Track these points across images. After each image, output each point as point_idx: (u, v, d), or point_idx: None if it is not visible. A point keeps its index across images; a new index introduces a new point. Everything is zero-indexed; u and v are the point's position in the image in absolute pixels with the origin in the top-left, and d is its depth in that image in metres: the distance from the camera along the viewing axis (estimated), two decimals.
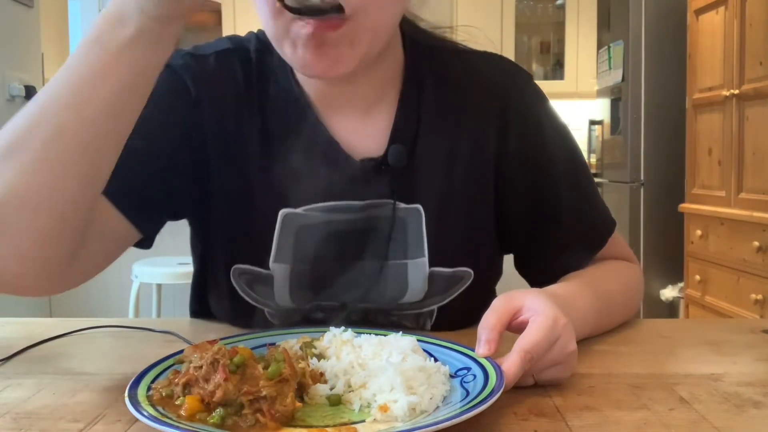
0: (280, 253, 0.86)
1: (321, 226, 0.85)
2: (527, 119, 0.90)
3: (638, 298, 0.96)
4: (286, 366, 0.60)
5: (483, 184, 0.89)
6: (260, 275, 0.87)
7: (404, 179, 0.86)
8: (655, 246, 3.57)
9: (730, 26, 2.88)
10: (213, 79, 0.87)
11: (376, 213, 0.86)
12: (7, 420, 0.61)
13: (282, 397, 0.58)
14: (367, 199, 0.85)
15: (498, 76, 0.91)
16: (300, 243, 0.86)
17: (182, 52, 0.89)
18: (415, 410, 0.58)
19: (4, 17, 2.73)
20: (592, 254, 0.93)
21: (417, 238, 0.86)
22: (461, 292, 0.89)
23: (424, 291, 0.87)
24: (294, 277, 0.86)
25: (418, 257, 0.86)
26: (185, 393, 0.59)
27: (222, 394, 0.57)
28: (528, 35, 5.44)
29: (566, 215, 0.90)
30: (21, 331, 0.90)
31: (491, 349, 0.66)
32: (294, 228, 0.86)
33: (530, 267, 0.95)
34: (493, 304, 0.70)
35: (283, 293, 0.87)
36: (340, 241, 0.86)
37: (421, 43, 0.92)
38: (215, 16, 5.32)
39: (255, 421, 0.57)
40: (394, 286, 0.87)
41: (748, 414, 0.61)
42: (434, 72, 0.90)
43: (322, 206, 0.85)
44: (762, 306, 2.64)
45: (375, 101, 0.88)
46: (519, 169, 0.89)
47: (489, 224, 0.91)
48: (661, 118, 3.55)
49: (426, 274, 0.87)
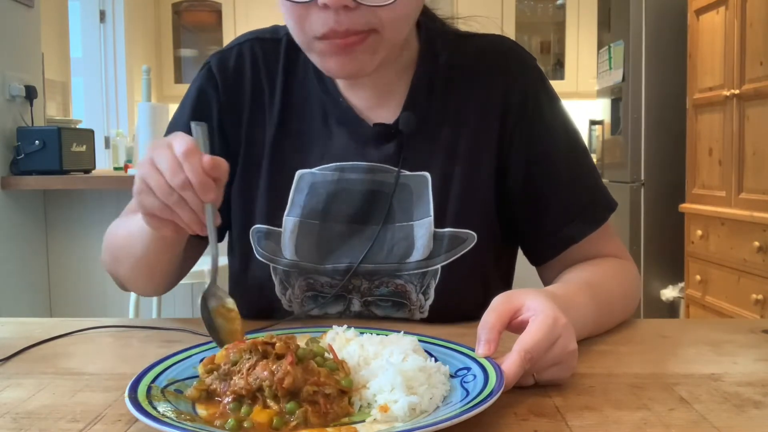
0: (292, 208, 0.94)
1: (330, 184, 0.93)
2: (528, 98, 0.95)
3: (636, 296, 0.97)
4: (341, 370, 0.63)
5: (486, 153, 0.94)
6: (271, 232, 0.94)
7: (413, 147, 0.93)
8: (655, 246, 3.57)
9: (730, 26, 2.88)
10: (231, 69, 0.98)
11: (385, 178, 0.93)
12: (7, 420, 0.61)
13: (339, 399, 0.59)
14: (378, 163, 0.93)
15: (504, 55, 0.97)
16: (310, 198, 0.93)
17: (212, 54, 1.01)
18: (415, 410, 0.58)
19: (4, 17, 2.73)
20: (594, 228, 0.95)
21: (423, 202, 0.92)
22: (464, 254, 0.92)
23: (430, 249, 0.91)
24: (301, 230, 0.93)
25: (424, 218, 0.92)
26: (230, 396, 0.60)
27: (291, 381, 0.57)
28: (528, 35, 5.44)
29: (566, 187, 0.94)
30: (21, 331, 0.90)
31: (491, 349, 0.66)
32: (307, 185, 0.94)
33: (532, 241, 0.98)
34: (493, 304, 0.70)
35: (290, 246, 0.93)
36: (348, 201, 0.93)
37: (435, 29, 0.99)
38: (215, 16, 5.32)
39: (304, 418, 0.57)
40: (400, 247, 0.92)
41: (748, 414, 0.61)
42: (445, 53, 0.96)
43: (333, 166, 0.94)
44: (762, 306, 2.64)
45: (392, 82, 0.95)
46: (519, 144, 0.94)
47: (490, 192, 0.94)
48: (662, 118, 3.55)
49: (431, 233, 0.91)
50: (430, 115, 0.94)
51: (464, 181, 0.93)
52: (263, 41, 0.99)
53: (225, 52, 1.00)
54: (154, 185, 0.72)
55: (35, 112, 2.86)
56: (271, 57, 0.99)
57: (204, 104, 0.98)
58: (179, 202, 0.72)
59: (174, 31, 5.41)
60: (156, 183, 0.72)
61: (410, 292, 0.92)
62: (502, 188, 0.95)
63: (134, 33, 4.88)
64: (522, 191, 0.95)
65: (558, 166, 0.95)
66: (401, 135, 0.93)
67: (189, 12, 5.44)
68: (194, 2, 5.38)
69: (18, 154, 2.69)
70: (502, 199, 0.95)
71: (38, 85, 2.91)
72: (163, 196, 0.72)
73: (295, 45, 0.92)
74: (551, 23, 5.43)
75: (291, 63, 0.98)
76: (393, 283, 0.92)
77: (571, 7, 5.22)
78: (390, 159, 0.93)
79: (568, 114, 0.99)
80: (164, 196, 0.72)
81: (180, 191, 0.71)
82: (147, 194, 0.74)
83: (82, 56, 4.66)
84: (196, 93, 0.99)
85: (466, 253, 0.92)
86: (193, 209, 0.73)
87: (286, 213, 0.94)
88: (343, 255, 0.92)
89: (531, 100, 0.95)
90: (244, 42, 1.00)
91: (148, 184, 0.73)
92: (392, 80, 0.95)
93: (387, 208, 0.92)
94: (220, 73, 0.98)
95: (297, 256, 0.93)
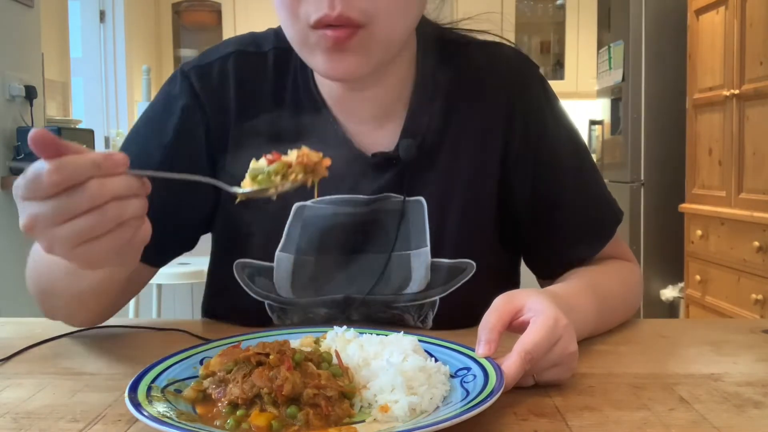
0: (287, 244, 0.89)
1: (327, 218, 0.88)
2: (532, 113, 0.91)
3: (638, 298, 0.97)
4: (346, 377, 0.62)
5: (487, 178, 0.90)
6: (262, 268, 0.89)
7: (412, 173, 0.88)
8: (655, 246, 3.57)
9: (730, 26, 2.88)
10: (215, 88, 0.90)
11: (382, 206, 0.88)
12: (7, 420, 0.61)
13: (340, 401, 0.59)
14: (375, 194, 0.88)
15: (505, 69, 0.93)
16: (306, 233, 0.88)
17: (187, 66, 0.91)
18: (415, 410, 0.58)
19: (4, 17, 2.73)
20: (602, 244, 0.93)
21: (420, 230, 0.88)
22: (463, 284, 0.89)
23: (427, 280, 0.88)
24: (297, 268, 0.88)
25: (421, 247, 0.88)
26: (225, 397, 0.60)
27: (291, 388, 0.57)
28: (528, 35, 5.44)
29: (573, 207, 0.91)
30: (21, 331, 0.90)
31: (491, 350, 0.66)
32: (302, 219, 0.89)
33: (540, 260, 0.96)
34: (494, 304, 0.70)
35: (285, 284, 0.88)
36: (344, 233, 0.88)
37: (432, 40, 0.93)
38: (215, 16, 5.32)
39: (306, 420, 0.57)
40: (397, 277, 0.88)
41: (748, 414, 0.61)
42: (445, 69, 0.91)
43: (329, 199, 0.88)
44: (762, 306, 2.64)
45: (389, 103, 0.90)
46: (524, 163, 0.91)
47: (491, 218, 0.91)
48: (662, 118, 3.55)
49: (428, 263, 0.88)
50: (429, 138, 0.89)
51: (463, 207, 0.89)
52: (247, 55, 0.91)
53: (205, 67, 0.90)
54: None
55: (35, 112, 2.86)
56: (257, 75, 0.90)
57: (191, 125, 0.88)
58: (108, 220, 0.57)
59: (174, 31, 5.41)
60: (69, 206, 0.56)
61: (408, 320, 0.90)
62: (506, 211, 0.92)
63: (134, 33, 4.88)
64: (528, 212, 0.92)
65: (565, 185, 0.91)
66: (401, 162, 0.88)
67: (189, 12, 5.43)
68: (194, 2, 5.38)
69: (18, 154, 2.70)
70: (505, 221, 0.92)
71: (38, 85, 2.91)
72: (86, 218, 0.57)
73: (283, 61, 0.89)
74: (551, 23, 5.42)
75: (280, 81, 0.91)
76: (390, 312, 0.89)
77: (570, 7, 5.21)
78: (389, 187, 0.88)
79: (572, 125, 0.95)
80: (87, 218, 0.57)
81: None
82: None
83: (82, 56, 4.66)
84: (180, 113, 0.88)
85: (464, 283, 0.89)
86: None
87: (280, 248, 0.88)
88: (340, 285, 0.88)
89: (535, 117, 0.91)
90: (226, 56, 0.91)
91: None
92: (390, 97, 0.90)
93: (392, 237, 0.87)
94: (206, 93, 0.89)
95: (293, 294, 0.89)
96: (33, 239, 0.60)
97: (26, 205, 0.57)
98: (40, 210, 0.56)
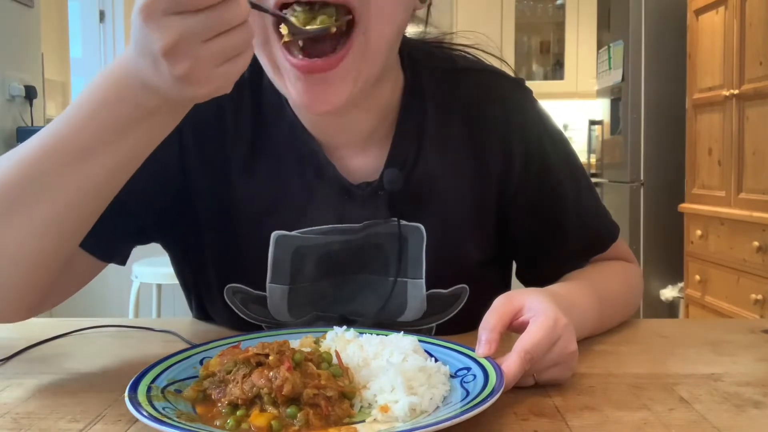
0: (277, 275, 0.85)
1: (319, 247, 0.84)
2: (529, 141, 0.89)
3: (638, 298, 0.97)
4: (346, 377, 0.62)
5: (484, 206, 0.89)
6: (254, 295, 0.86)
7: (403, 203, 0.85)
8: (655, 246, 3.57)
9: (730, 26, 2.88)
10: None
11: (378, 230, 0.85)
12: (7, 420, 0.61)
13: (340, 402, 0.59)
14: (366, 220, 0.84)
15: (498, 98, 0.89)
16: (298, 264, 0.85)
17: None
18: (415, 410, 0.58)
19: (4, 17, 2.73)
20: (594, 255, 0.94)
21: (416, 258, 0.86)
22: (460, 309, 0.89)
23: (423, 311, 0.87)
24: (293, 296, 0.86)
25: (417, 278, 0.86)
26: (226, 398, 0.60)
27: (290, 388, 0.57)
28: (528, 35, 5.44)
29: (571, 230, 0.91)
30: (21, 331, 0.90)
31: (491, 350, 0.66)
32: (290, 249, 0.84)
33: (533, 277, 0.95)
34: (494, 305, 0.70)
35: (282, 310, 0.86)
36: (339, 260, 0.85)
37: (421, 65, 0.89)
38: None
39: (305, 420, 0.57)
40: (394, 303, 0.86)
41: (748, 414, 0.61)
42: (434, 97, 0.88)
43: (318, 229, 0.84)
44: (762, 306, 2.64)
45: (373, 128, 0.86)
46: (523, 190, 0.89)
47: (488, 246, 0.91)
48: (661, 118, 3.55)
49: (424, 296, 0.87)
50: (419, 167, 0.85)
51: (460, 237, 0.87)
52: None
53: None
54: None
55: (35, 112, 2.87)
56: (234, 93, 0.73)
57: (165, 143, 0.68)
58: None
59: None
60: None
61: None
62: (503, 236, 0.91)
63: None
64: (526, 238, 0.92)
65: (565, 208, 0.90)
66: (388, 193, 0.84)
67: None
68: None
69: None
70: (503, 245, 0.92)
71: (38, 85, 2.91)
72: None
73: (257, 87, 0.84)
74: (551, 23, 5.43)
75: (257, 100, 0.85)
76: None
77: (570, 7, 5.21)
78: (380, 214, 0.84)
79: (567, 143, 0.93)
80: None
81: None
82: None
83: (82, 56, 4.66)
84: None
85: (462, 308, 0.89)
86: None
87: (270, 280, 0.85)
88: (338, 305, 0.86)
89: (534, 147, 0.89)
90: None
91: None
92: (374, 122, 0.85)
93: (392, 260, 0.85)
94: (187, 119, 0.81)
95: (291, 317, 0.87)
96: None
97: (169, 20, 0.53)
98: (189, 24, 0.53)
